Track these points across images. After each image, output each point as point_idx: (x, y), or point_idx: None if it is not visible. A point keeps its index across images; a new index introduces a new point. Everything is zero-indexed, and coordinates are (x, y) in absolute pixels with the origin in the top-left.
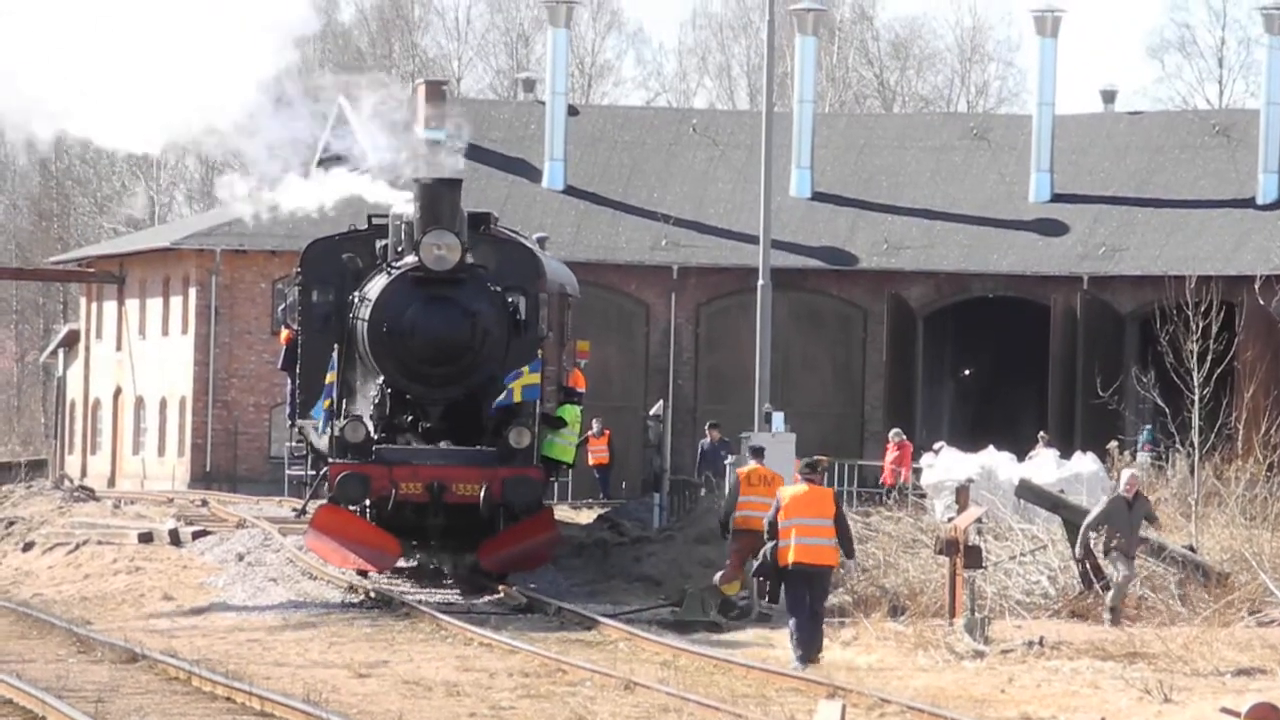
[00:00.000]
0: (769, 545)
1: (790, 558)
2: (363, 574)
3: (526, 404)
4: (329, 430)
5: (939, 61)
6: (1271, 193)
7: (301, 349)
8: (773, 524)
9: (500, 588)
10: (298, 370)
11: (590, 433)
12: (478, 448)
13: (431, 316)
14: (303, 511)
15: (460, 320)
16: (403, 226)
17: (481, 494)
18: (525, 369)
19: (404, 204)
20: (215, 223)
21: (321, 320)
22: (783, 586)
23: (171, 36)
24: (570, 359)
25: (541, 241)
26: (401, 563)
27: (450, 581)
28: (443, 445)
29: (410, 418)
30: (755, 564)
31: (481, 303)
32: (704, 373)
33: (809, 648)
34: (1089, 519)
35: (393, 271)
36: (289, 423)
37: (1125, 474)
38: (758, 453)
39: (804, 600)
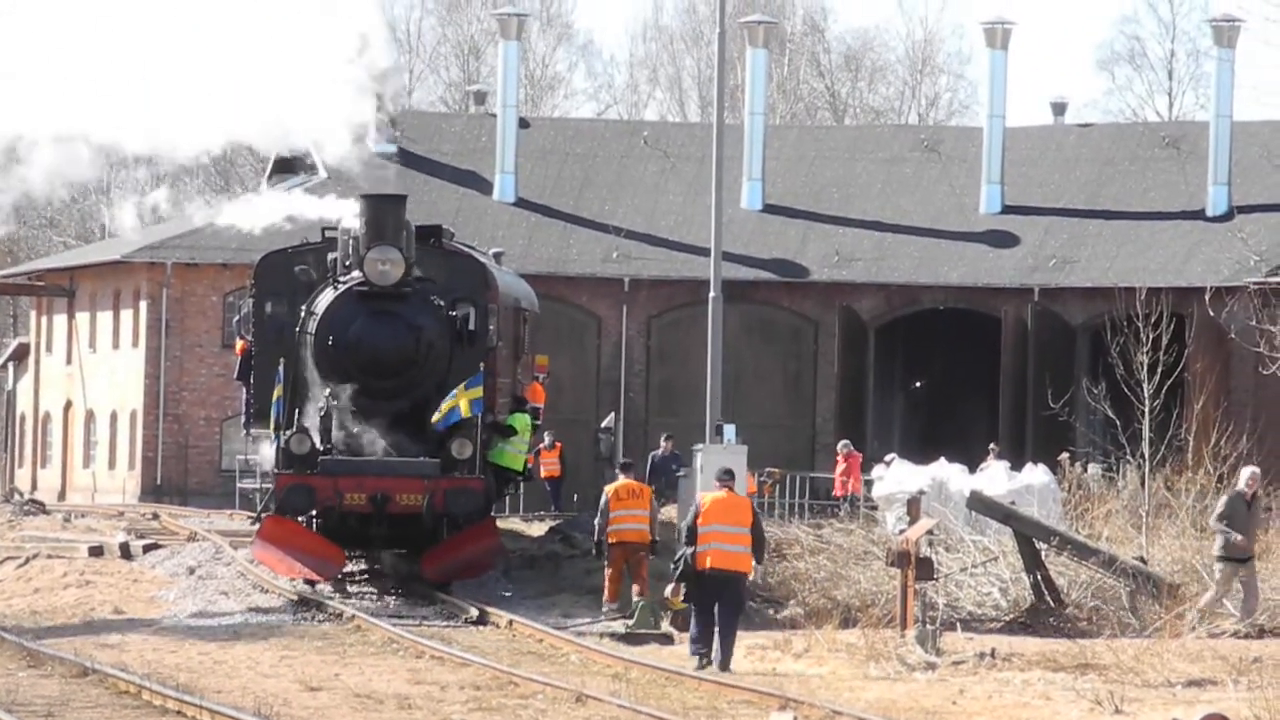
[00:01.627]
0: (687, 550)
1: (707, 563)
2: (311, 584)
3: (471, 415)
4: (276, 442)
5: (890, 74)
6: (1221, 205)
7: (255, 361)
8: (691, 529)
9: (442, 596)
10: (252, 381)
11: (541, 445)
12: (421, 459)
13: (375, 330)
14: (258, 519)
15: (404, 334)
16: (350, 241)
17: (424, 504)
18: (462, 386)
19: (352, 218)
20: (166, 236)
21: (275, 332)
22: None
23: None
24: (527, 372)
25: (498, 256)
26: (350, 566)
27: (395, 589)
28: (387, 457)
29: (356, 429)
30: (674, 568)
31: (425, 317)
32: (655, 385)
33: (707, 648)
34: (1214, 514)
35: (339, 286)
36: (244, 432)
37: (1245, 472)
38: (626, 467)
39: (712, 604)
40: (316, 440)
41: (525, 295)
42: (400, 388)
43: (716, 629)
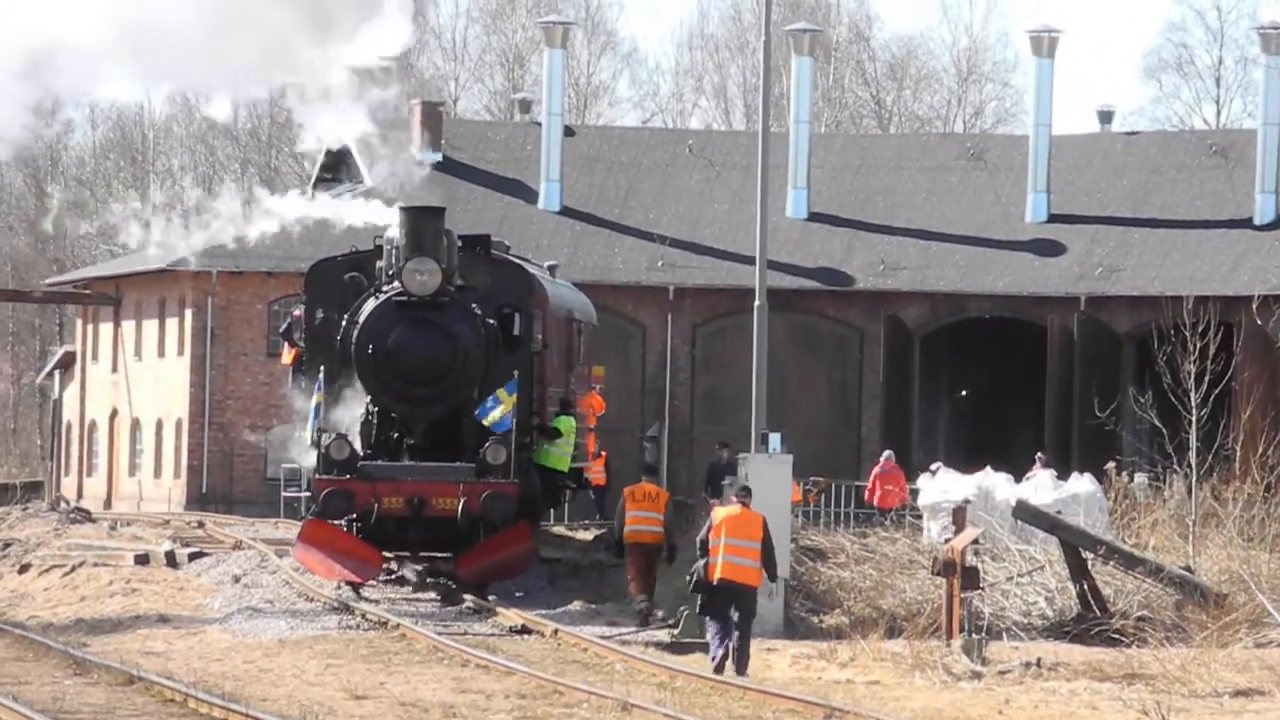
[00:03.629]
0: (700, 562)
1: (717, 574)
2: (355, 589)
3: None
4: (316, 448)
5: (935, 82)
6: (1269, 213)
7: (306, 368)
8: (704, 541)
9: (488, 605)
10: (304, 387)
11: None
12: (457, 464)
13: (414, 339)
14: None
15: (441, 342)
16: (393, 250)
17: (459, 508)
18: (502, 391)
19: (395, 227)
20: (211, 244)
21: (326, 338)
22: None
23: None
24: (581, 383)
25: (552, 269)
26: (391, 564)
27: (432, 585)
28: (425, 461)
29: (396, 435)
30: (689, 579)
31: (462, 325)
32: (700, 394)
33: (724, 655)
34: None
35: (379, 296)
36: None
37: None
38: (650, 470)
39: (726, 611)
40: (357, 445)
41: (580, 307)
42: (438, 394)
43: (734, 635)
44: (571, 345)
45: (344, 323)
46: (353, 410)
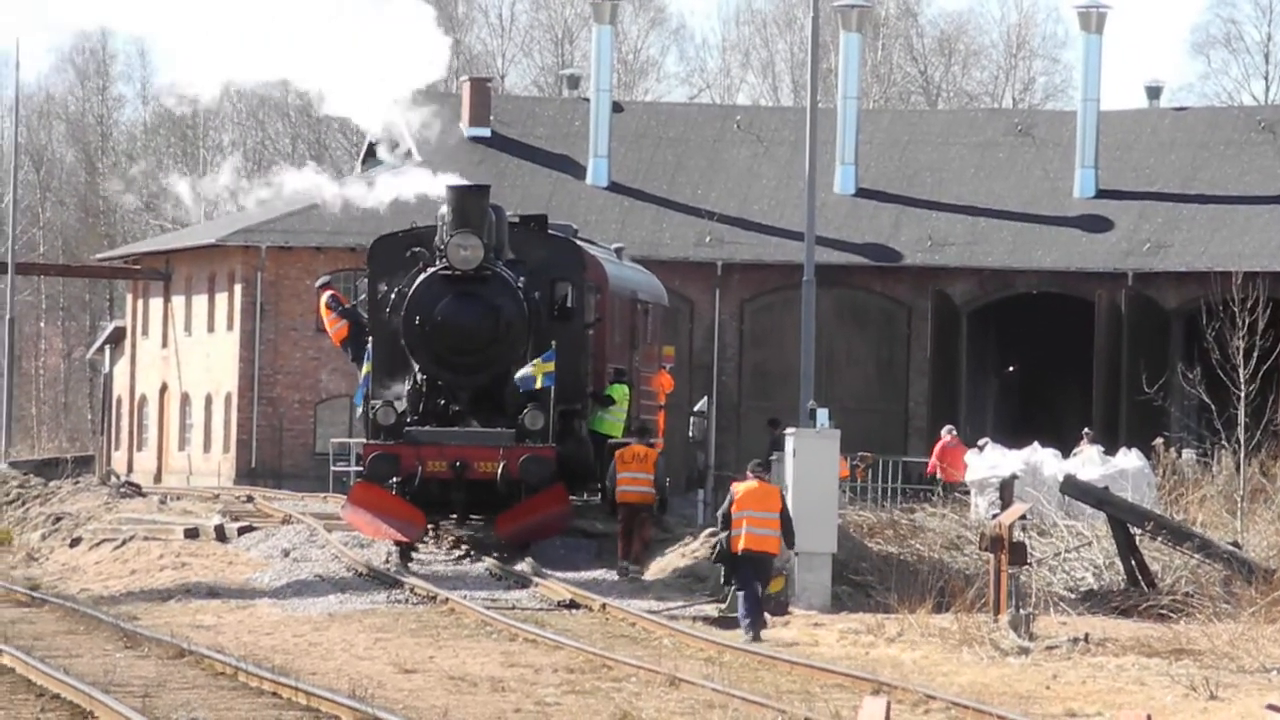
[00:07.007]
0: (723, 534)
1: (740, 545)
2: (402, 550)
3: (544, 389)
4: (365, 414)
5: (984, 57)
6: None
7: (370, 338)
8: (726, 515)
9: (535, 580)
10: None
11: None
12: (498, 429)
13: (458, 311)
14: None
15: (484, 314)
16: (443, 227)
17: (499, 471)
18: (538, 359)
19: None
20: (261, 219)
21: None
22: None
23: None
24: (648, 361)
25: (619, 251)
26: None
27: (469, 543)
28: (470, 427)
29: (443, 402)
30: (713, 551)
31: (504, 298)
32: (748, 369)
33: (759, 619)
34: None
35: (427, 269)
36: (362, 409)
37: None
38: (640, 432)
39: (752, 581)
40: (405, 411)
41: (646, 287)
42: (481, 363)
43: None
44: (636, 324)
45: (394, 295)
46: (402, 378)
